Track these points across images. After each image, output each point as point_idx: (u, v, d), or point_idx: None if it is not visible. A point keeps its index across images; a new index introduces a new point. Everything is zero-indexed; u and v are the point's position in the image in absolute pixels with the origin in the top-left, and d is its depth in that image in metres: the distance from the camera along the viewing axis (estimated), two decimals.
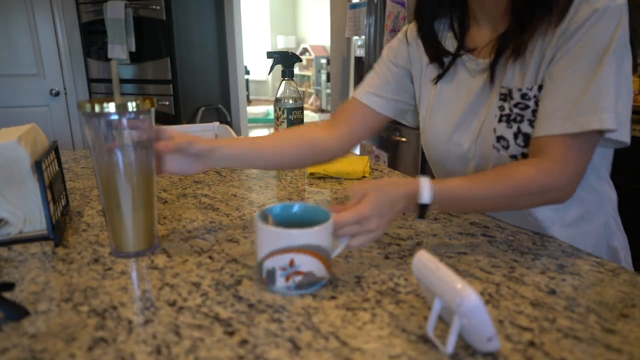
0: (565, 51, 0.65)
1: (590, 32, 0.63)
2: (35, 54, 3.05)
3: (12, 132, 0.76)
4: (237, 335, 0.49)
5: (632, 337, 0.48)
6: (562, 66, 0.66)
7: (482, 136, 0.77)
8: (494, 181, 0.65)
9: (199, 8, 3.25)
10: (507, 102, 0.73)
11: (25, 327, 0.51)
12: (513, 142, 0.72)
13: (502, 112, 0.74)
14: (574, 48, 0.64)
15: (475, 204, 0.68)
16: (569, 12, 0.65)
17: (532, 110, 0.70)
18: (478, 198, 0.66)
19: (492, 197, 0.65)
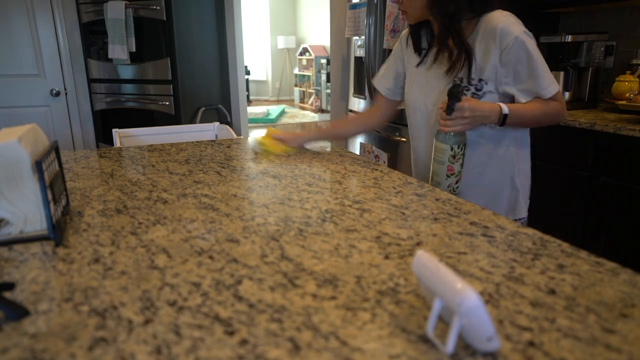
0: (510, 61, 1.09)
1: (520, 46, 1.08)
2: (36, 54, 3.05)
3: (13, 132, 0.76)
4: (237, 335, 0.49)
5: (632, 337, 0.48)
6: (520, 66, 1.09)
7: (439, 102, 1.18)
8: (539, 107, 1.11)
9: (199, 8, 3.25)
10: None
11: (25, 326, 0.51)
12: None
13: None
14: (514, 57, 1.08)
15: (527, 118, 1.11)
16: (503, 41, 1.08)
17: (471, 92, 1.13)
18: (529, 115, 1.10)
19: (537, 115, 1.11)
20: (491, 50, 1.09)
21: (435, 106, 1.20)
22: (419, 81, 1.25)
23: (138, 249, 0.71)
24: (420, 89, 1.24)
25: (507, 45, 1.07)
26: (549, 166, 2.13)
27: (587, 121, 1.93)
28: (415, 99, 1.26)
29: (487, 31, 1.09)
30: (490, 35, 1.09)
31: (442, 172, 1.07)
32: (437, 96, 1.20)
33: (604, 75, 2.41)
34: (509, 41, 1.06)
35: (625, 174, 1.82)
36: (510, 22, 1.08)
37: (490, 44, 1.09)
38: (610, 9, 2.46)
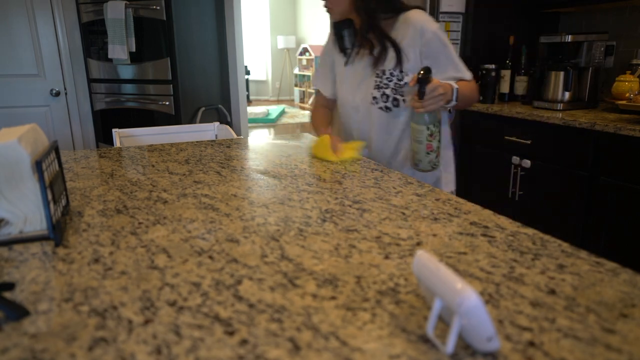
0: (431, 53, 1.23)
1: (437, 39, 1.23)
2: (36, 54, 3.05)
3: (13, 132, 0.76)
4: (237, 335, 0.49)
5: (632, 337, 0.48)
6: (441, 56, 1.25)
7: (366, 95, 1.32)
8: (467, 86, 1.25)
9: (199, 8, 3.25)
10: (380, 77, 1.29)
11: (25, 327, 0.51)
12: (380, 98, 1.29)
13: (375, 83, 1.30)
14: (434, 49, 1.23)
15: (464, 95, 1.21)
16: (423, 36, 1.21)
17: (394, 82, 1.27)
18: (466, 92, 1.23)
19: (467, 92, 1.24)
20: (412, 44, 1.23)
21: (363, 100, 1.33)
22: (348, 79, 1.37)
23: (138, 249, 0.71)
24: (349, 85, 1.36)
25: (427, 40, 1.22)
26: (549, 166, 2.13)
27: (587, 121, 1.93)
28: (345, 95, 1.38)
29: (407, 28, 1.23)
30: (409, 31, 1.23)
31: (422, 150, 1.16)
32: (365, 90, 1.32)
33: (604, 75, 2.41)
34: (428, 36, 1.21)
35: (625, 174, 1.82)
36: (427, 20, 1.24)
37: (410, 39, 1.23)
38: (610, 9, 2.46)
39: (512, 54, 2.57)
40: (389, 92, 1.27)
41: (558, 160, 2.09)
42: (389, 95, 1.27)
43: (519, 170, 2.26)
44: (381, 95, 1.28)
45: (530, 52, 2.52)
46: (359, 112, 1.36)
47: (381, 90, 1.28)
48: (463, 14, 2.59)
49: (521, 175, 2.26)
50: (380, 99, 1.28)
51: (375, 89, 1.29)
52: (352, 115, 1.39)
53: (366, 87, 1.31)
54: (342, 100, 1.41)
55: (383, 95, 1.28)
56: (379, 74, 1.28)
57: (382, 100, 1.28)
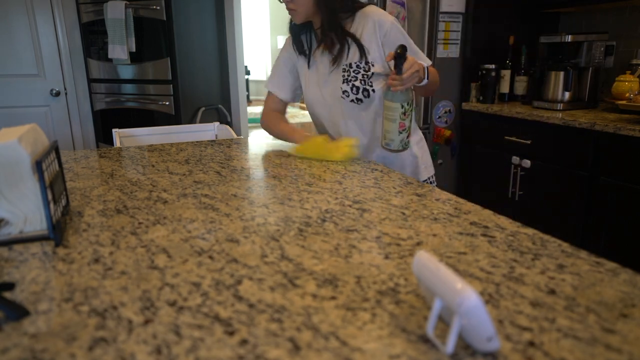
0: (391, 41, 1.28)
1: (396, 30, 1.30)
2: (36, 54, 3.05)
3: (13, 132, 0.76)
4: (237, 335, 0.49)
5: (632, 337, 0.48)
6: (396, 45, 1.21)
7: (334, 91, 1.35)
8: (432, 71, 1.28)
9: (199, 8, 3.25)
10: (346, 71, 1.32)
11: (25, 327, 0.51)
12: (350, 91, 1.32)
13: (343, 77, 1.33)
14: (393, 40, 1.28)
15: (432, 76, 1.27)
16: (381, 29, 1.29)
17: (361, 74, 1.30)
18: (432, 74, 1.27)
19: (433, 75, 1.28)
20: (372, 37, 1.29)
21: (331, 96, 1.36)
22: (313, 78, 1.40)
23: (138, 249, 0.71)
24: (316, 85, 1.40)
25: (387, 31, 1.28)
26: (549, 166, 2.13)
27: (587, 121, 1.93)
28: (314, 95, 1.41)
29: (365, 22, 1.30)
30: (368, 25, 1.29)
31: (395, 129, 1.17)
32: (333, 86, 1.35)
33: (604, 75, 2.41)
34: (386, 27, 1.28)
35: (625, 174, 1.82)
36: (383, 13, 1.31)
37: (369, 32, 1.29)
38: (610, 9, 2.46)
39: (512, 54, 2.57)
40: (358, 84, 1.30)
41: (558, 160, 2.09)
42: (358, 87, 1.31)
43: (519, 170, 2.26)
44: (351, 88, 1.31)
45: (530, 52, 2.53)
46: (329, 109, 1.39)
47: (350, 84, 1.31)
48: (463, 14, 2.59)
49: (521, 175, 2.26)
50: (350, 91, 1.31)
51: (344, 83, 1.32)
52: (322, 113, 1.42)
53: (333, 82, 1.35)
54: (311, 100, 1.43)
55: (353, 88, 1.31)
56: (345, 68, 1.32)
57: (352, 92, 1.31)
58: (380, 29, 1.29)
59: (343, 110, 1.36)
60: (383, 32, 1.29)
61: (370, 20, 1.29)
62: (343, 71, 1.32)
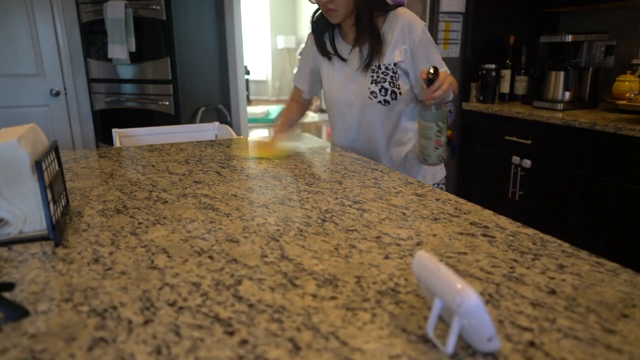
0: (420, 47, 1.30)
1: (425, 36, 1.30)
2: (35, 54, 3.05)
3: (12, 132, 0.76)
4: (237, 335, 0.49)
5: (632, 337, 0.48)
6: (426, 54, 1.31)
7: (361, 91, 1.36)
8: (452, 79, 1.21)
9: (199, 8, 3.25)
10: (375, 72, 1.33)
11: (25, 327, 0.51)
12: (378, 93, 1.33)
13: (372, 78, 1.33)
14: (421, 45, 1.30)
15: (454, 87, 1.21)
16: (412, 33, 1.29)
17: (390, 76, 1.32)
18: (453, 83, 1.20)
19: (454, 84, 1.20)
20: (402, 40, 1.30)
21: (358, 96, 1.37)
22: (339, 76, 1.41)
23: (138, 249, 0.71)
24: (341, 83, 1.40)
25: (417, 37, 1.29)
26: (550, 166, 2.13)
27: (587, 121, 1.93)
28: (338, 93, 1.41)
29: (396, 24, 1.30)
30: (399, 28, 1.30)
31: (431, 146, 1.20)
32: (360, 86, 1.35)
33: (604, 75, 2.41)
34: (417, 33, 1.29)
35: (625, 174, 1.82)
36: (415, 17, 1.31)
37: (400, 35, 1.30)
38: (610, 9, 2.46)
39: (512, 54, 2.56)
40: (387, 86, 1.32)
41: (558, 160, 2.09)
42: (387, 89, 1.32)
43: (519, 170, 2.26)
44: (380, 90, 1.32)
45: (530, 52, 2.52)
46: (353, 108, 1.40)
47: (379, 85, 1.32)
48: (463, 14, 2.59)
49: (521, 175, 2.26)
50: (379, 93, 1.33)
51: (373, 83, 1.33)
52: (345, 112, 1.42)
53: (361, 82, 1.35)
54: (333, 98, 1.44)
55: (382, 89, 1.32)
56: (375, 69, 1.32)
57: (380, 94, 1.33)
58: (410, 33, 1.29)
59: (369, 110, 1.37)
60: (413, 37, 1.29)
61: (401, 23, 1.30)
62: (372, 72, 1.33)
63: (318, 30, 1.41)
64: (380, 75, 1.32)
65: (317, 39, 1.42)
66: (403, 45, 1.30)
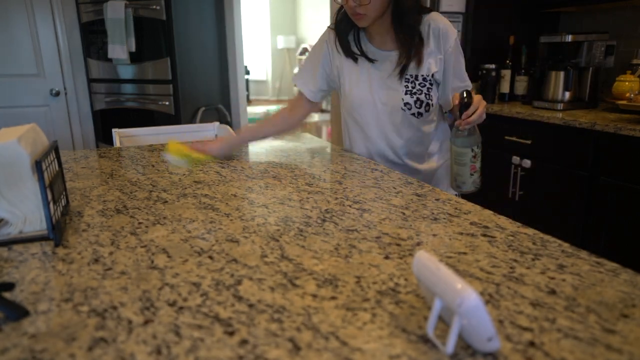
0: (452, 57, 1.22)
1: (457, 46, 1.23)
2: (35, 54, 3.05)
3: (12, 132, 0.76)
4: (237, 335, 0.49)
5: (632, 337, 0.48)
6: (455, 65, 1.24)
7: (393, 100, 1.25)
8: None
9: (199, 8, 3.25)
10: (410, 82, 1.23)
11: (25, 327, 0.51)
12: (413, 105, 1.24)
13: (406, 88, 1.24)
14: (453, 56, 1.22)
15: None
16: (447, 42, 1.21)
17: (427, 87, 1.23)
18: None
19: None
20: (438, 48, 1.22)
21: (388, 104, 1.27)
22: (364, 81, 1.29)
23: (138, 249, 0.71)
24: (367, 88, 1.28)
25: (451, 45, 1.22)
26: (550, 166, 2.13)
27: (587, 121, 1.93)
28: (362, 98, 1.29)
29: (433, 31, 1.21)
30: (434, 35, 1.21)
31: (466, 173, 1.15)
32: (392, 95, 1.25)
33: (604, 75, 2.40)
34: (451, 42, 1.22)
35: (625, 174, 1.82)
36: (449, 24, 1.23)
37: (434, 42, 1.22)
38: (610, 9, 2.46)
39: (512, 54, 2.56)
40: (422, 98, 1.23)
41: (558, 160, 2.09)
42: (422, 101, 1.24)
43: (519, 170, 2.26)
44: (415, 102, 1.23)
45: (530, 52, 2.52)
46: (379, 115, 1.29)
47: (414, 97, 1.23)
48: (463, 14, 2.59)
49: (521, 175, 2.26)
50: (413, 105, 1.24)
51: (407, 94, 1.24)
52: (367, 118, 1.31)
53: (394, 91, 1.25)
54: (356, 103, 1.31)
55: (417, 101, 1.23)
56: (410, 79, 1.23)
57: (415, 106, 1.24)
58: (445, 41, 1.21)
59: (399, 121, 1.27)
60: (447, 46, 1.22)
61: (437, 30, 1.21)
62: (406, 81, 1.23)
63: (342, 30, 1.29)
64: (417, 87, 1.23)
65: (341, 39, 1.29)
66: (438, 54, 1.22)
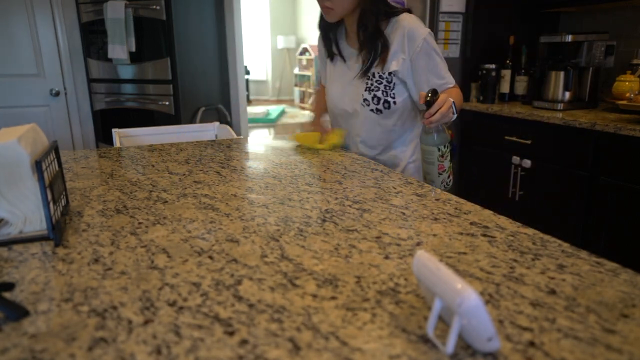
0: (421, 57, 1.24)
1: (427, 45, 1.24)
2: (35, 54, 3.05)
3: (12, 132, 0.76)
4: (237, 335, 0.49)
5: (632, 337, 0.48)
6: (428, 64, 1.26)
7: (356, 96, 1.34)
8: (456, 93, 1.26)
9: (199, 8, 3.25)
10: (370, 80, 1.30)
11: (25, 327, 0.51)
12: (371, 101, 1.30)
13: (366, 85, 1.31)
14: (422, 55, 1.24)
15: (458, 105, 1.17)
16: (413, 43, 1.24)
17: (384, 85, 1.28)
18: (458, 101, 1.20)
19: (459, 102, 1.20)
20: (402, 48, 1.25)
21: (352, 101, 1.35)
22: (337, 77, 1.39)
23: (138, 249, 0.71)
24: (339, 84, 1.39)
25: (418, 46, 1.23)
26: (549, 166, 2.13)
27: (587, 121, 1.93)
28: (335, 93, 1.40)
29: (397, 32, 1.24)
30: (401, 35, 1.24)
31: (434, 171, 1.16)
32: (355, 91, 1.33)
33: (605, 75, 2.40)
34: (418, 42, 1.23)
35: (625, 174, 1.82)
36: (417, 25, 1.24)
37: (400, 43, 1.25)
38: (610, 9, 2.46)
39: (512, 54, 2.57)
40: (380, 95, 1.29)
41: (558, 160, 2.09)
42: (380, 98, 1.29)
43: (519, 170, 2.26)
44: (372, 98, 1.30)
45: (530, 52, 2.52)
46: (347, 110, 1.38)
47: (372, 93, 1.30)
48: (463, 14, 2.59)
49: (521, 175, 2.26)
50: (371, 101, 1.30)
51: (366, 91, 1.31)
52: (340, 112, 1.42)
53: (356, 88, 1.33)
54: (331, 97, 1.43)
55: (374, 98, 1.30)
56: (370, 77, 1.30)
57: (373, 102, 1.30)
58: (411, 42, 1.23)
59: (361, 117, 1.35)
60: (414, 47, 1.23)
61: (402, 31, 1.24)
62: (367, 79, 1.30)
63: (323, 27, 1.38)
64: (374, 84, 1.29)
65: (324, 34, 1.39)
66: (402, 54, 1.25)
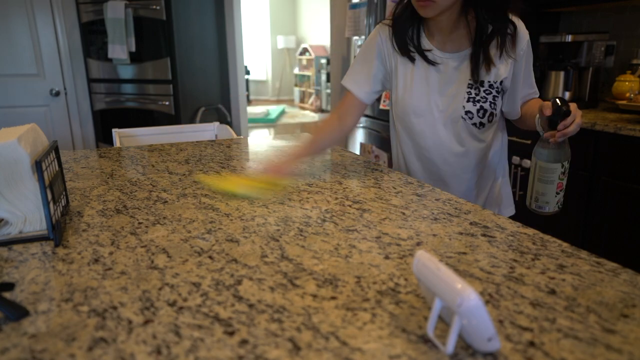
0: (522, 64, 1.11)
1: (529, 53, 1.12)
2: (35, 54, 3.05)
3: (12, 132, 0.76)
4: (237, 335, 0.49)
5: (632, 337, 0.48)
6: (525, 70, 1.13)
7: (452, 108, 1.12)
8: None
9: (199, 8, 3.25)
10: (474, 88, 1.10)
11: (25, 327, 0.51)
12: (475, 114, 1.10)
13: (469, 95, 1.10)
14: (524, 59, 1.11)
15: None
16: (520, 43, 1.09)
17: (493, 95, 1.10)
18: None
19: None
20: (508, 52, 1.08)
21: (445, 111, 1.12)
22: (420, 84, 1.13)
23: (138, 249, 0.71)
24: (424, 92, 1.13)
25: (523, 48, 1.09)
26: None
27: (587, 121, 1.93)
28: (417, 103, 1.14)
29: None
30: None
31: (551, 191, 1.00)
32: (452, 101, 1.11)
33: (605, 75, 2.40)
34: (524, 44, 1.09)
35: (625, 174, 1.82)
36: (521, 23, 1.09)
37: None
38: (610, 9, 2.46)
39: None
40: (487, 107, 1.10)
41: None
42: (486, 110, 1.10)
43: (519, 170, 2.26)
44: (478, 110, 1.10)
45: None
46: (434, 123, 1.15)
47: (478, 104, 1.09)
48: None
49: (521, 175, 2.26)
50: (475, 114, 1.10)
51: (470, 102, 1.10)
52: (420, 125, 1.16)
53: (454, 97, 1.11)
54: (408, 108, 1.16)
55: (480, 110, 1.10)
56: (474, 85, 1.09)
57: (478, 115, 1.10)
58: (518, 43, 1.08)
59: (457, 131, 1.13)
60: (520, 46, 1.08)
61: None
62: (469, 87, 1.09)
63: (400, 25, 1.12)
64: (482, 94, 1.09)
65: (399, 35, 1.13)
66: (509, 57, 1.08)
